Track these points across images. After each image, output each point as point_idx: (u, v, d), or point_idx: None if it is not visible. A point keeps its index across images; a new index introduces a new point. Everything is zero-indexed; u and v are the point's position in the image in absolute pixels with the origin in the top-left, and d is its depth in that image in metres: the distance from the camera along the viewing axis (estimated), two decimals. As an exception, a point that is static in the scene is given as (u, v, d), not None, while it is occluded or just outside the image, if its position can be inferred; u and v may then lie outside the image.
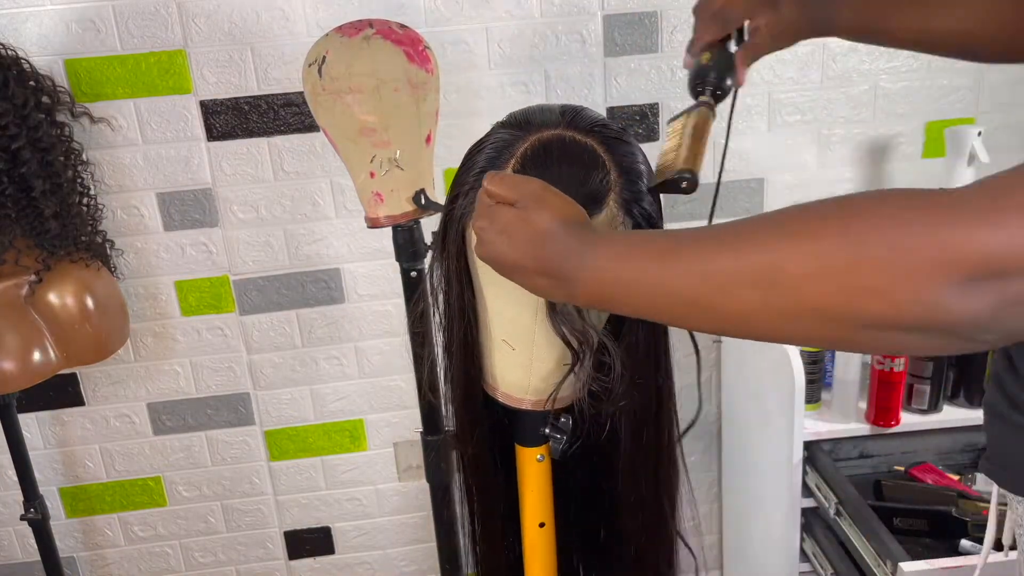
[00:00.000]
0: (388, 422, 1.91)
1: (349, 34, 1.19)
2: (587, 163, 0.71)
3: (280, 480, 1.93)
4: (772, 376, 1.57)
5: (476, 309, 0.78)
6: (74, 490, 1.90)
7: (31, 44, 1.57)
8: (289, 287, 1.79)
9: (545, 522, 0.84)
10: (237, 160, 1.69)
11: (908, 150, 1.82)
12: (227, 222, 1.73)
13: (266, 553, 1.99)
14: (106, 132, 1.64)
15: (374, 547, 2.01)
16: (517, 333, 0.75)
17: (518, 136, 0.73)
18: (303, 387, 1.86)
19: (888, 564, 1.28)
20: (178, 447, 1.88)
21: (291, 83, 1.65)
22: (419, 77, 1.20)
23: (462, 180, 0.76)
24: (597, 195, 0.70)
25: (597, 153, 0.72)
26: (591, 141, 0.73)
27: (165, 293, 1.77)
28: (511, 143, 0.73)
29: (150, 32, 1.60)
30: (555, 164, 0.71)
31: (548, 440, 0.82)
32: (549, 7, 1.66)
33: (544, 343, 0.75)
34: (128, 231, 1.72)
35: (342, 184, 1.72)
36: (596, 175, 0.71)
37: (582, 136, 0.73)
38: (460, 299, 0.77)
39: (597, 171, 0.71)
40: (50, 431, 1.84)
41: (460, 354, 0.80)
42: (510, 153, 0.72)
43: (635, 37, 1.69)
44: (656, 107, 1.74)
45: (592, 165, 0.71)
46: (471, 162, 0.75)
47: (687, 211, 1.80)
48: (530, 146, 0.72)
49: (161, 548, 1.97)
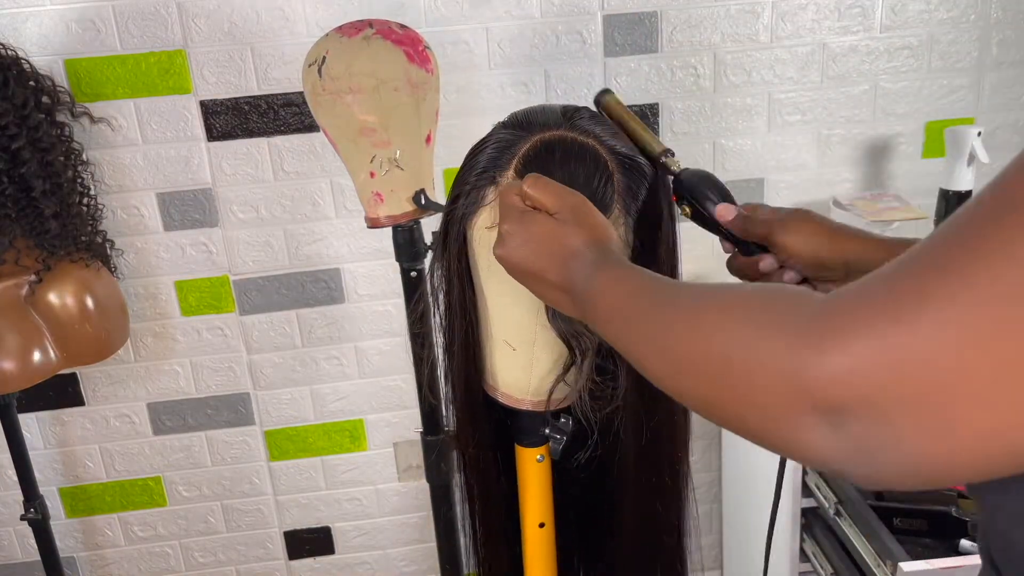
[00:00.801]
0: (388, 422, 1.91)
1: (349, 34, 1.19)
2: (589, 163, 0.71)
3: (280, 480, 1.93)
4: (772, 376, 1.57)
5: (477, 309, 0.78)
6: (74, 490, 1.90)
7: (31, 44, 1.57)
8: (289, 287, 1.79)
9: (545, 522, 0.84)
10: (237, 160, 1.69)
11: (908, 150, 1.82)
12: (227, 222, 1.73)
13: (266, 553, 1.99)
14: (106, 132, 1.64)
15: (374, 547, 2.01)
16: (518, 333, 0.75)
17: (520, 136, 0.73)
18: (303, 387, 1.86)
19: (888, 564, 1.28)
20: (178, 447, 1.88)
21: (291, 83, 1.65)
22: (419, 77, 1.20)
23: (464, 180, 0.75)
24: (603, 197, 0.70)
25: (599, 153, 0.72)
26: (592, 141, 0.73)
27: (165, 293, 1.77)
28: (512, 143, 0.73)
29: (150, 32, 1.60)
30: (558, 165, 0.71)
31: (548, 440, 0.82)
32: (549, 7, 1.66)
33: (544, 344, 0.75)
34: (128, 231, 1.72)
35: (342, 184, 1.72)
36: (598, 176, 0.71)
37: (583, 136, 0.73)
38: (461, 299, 0.77)
39: (599, 172, 0.71)
40: (50, 431, 1.84)
41: (461, 354, 0.80)
42: (512, 153, 0.72)
43: (635, 37, 1.69)
44: (656, 107, 1.74)
45: (595, 165, 0.71)
46: (473, 162, 0.75)
47: (687, 211, 1.80)
48: (532, 146, 0.72)
49: (161, 548, 1.97)
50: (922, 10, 1.72)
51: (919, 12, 1.72)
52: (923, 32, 1.74)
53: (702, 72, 1.73)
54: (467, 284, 0.77)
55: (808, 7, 1.70)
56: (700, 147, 1.78)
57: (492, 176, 0.73)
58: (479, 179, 0.73)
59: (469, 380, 0.81)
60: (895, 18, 1.73)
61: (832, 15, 1.71)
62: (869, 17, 1.72)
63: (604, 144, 0.73)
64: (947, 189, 1.69)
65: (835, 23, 1.72)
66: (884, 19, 1.72)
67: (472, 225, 0.74)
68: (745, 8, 1.69)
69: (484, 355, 0.79)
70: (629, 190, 0.72)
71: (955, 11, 1.73)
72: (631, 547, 0.87)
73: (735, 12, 1.69)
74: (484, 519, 0.90)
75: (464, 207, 0.74)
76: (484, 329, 0.78)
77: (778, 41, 1.72)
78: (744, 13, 1.70)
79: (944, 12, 1.73)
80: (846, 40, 1.73)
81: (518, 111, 0.77)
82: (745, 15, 1.70)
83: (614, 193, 0.71)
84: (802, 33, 1.72)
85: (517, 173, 0.71)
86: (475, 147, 0.77)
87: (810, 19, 1.71)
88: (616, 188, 0.71)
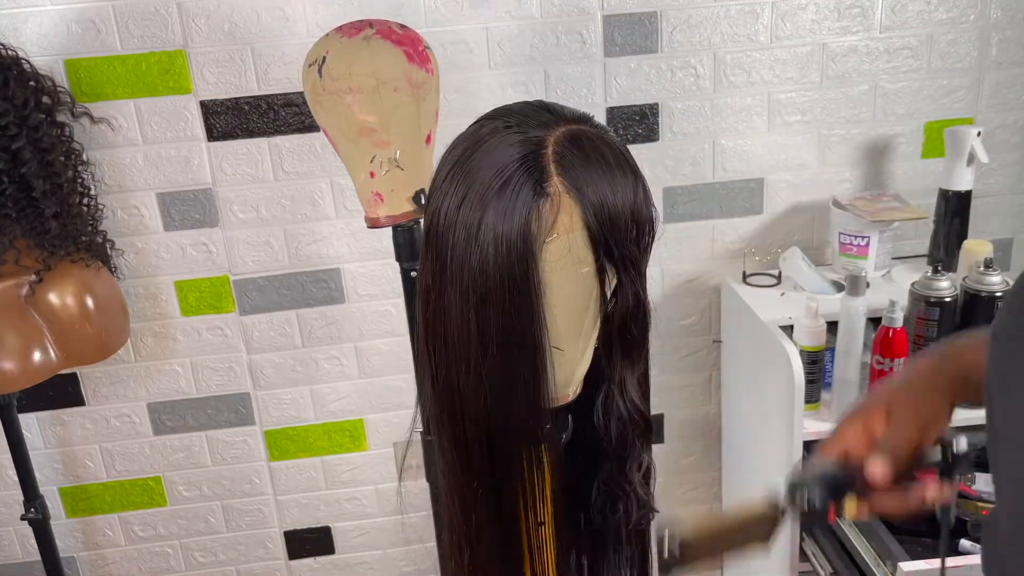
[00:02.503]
0: (388, 422, 1.91)
1: (349, 34, 1.19)
2: (613, 147, 0.73)
3: (280, 480, 1.93)
4: (772, 376, 1.57)
5: (536, 324, 0.73)
6: (74, 490, 1.90)
7: (31, 44, 1.57)
8: (289, 287, 1.79)
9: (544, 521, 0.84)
10: (237, 160, 1.70)
11: (908, 150, 1.82)
12: (227, 222, 1.73)
13: (266, 553, 1.99)
14: (106, 132, 1.64)
15: (374, 547, 2.01)
16: (567, 334, 0.75)
17: (531, 136, 0.70)
18: (303, 387, 1.86)
19: (888, 564, 1.28)
20: (178, 447, 1.88)
21: (291, 83, 1.65)
22: (419, 77, 1.20)
23: (485, 197, 0.70)
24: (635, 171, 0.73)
25: (621, 151, 0.74)
26: (609, 136, 0.74)
27: (165, 293, 1.77)
28: (529, 144, 0.70)
29: (150, 32, 1.60)
30: (588, 155, 0.71)
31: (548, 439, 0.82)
32: (549, 7, 1.66)
33: (587, 335, 0.75)
34: (128, 231, 1.72)
35: (342, 184, 1.72)
36: (624, 157, 0.73)
37: (593, 127, 0.74)
38: (520, 318, 0.72)
39: (625, 156, 0.73)
40: (50, 431, 1.84)
41: (526, 386, 0.75)
42: (537, 158, 0.69)
43: (635, 37, 1.70)
44: (656, 107, 1.74)
45: (623, 163, 0.73)
46: (491, 179, 0.70)
47: (687, 211, 1.80)
48: (556, 143, 0.70)
49: (161, 548, 1.97)
50: (922, 10, 1.72)
51: (919, 12, 1.73)
52: (923, 32, 1.74)
53: (702, 72, 1.73)
54: (524, 307, 0.71)
55: (808, 7, 1.70)
56: (700, 147, 1.78)
57: (542, 188, 0.69)
58: (520, 195, 0.68)
59: (538, 412, 0.76)
60: (895, 18, 1.73)
61: (832, 15, 1.71)
62: (869, 17, 1.72)
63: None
64: (947, 189, 1.69)
65: (835, 23, 1.72)
66: (884, 19, 1.73)
67: (541, 245, 0.69)
68: (745, 8, 1.69)
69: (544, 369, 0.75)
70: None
71: (955, 11, 1.73)
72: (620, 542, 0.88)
73: (735, 12, 1.69)
74: (481, 520, 0.88)
75: (518, 228, 0.69)
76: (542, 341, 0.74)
77: (778, 41, 1.72)
78: (744, 13, 1.70)
79: (944, 12, 1.73)
80: (846, 40, 1.73)
81: (490, 112, 0.76)
82: (745, 15, 1.70)
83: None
84: (802, 33, 1.72)
85: (558, 178, 0.69)
86: (469, 148, 0.73)
87: (810, 19, 1.71)
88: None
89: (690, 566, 0.72)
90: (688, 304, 1.88)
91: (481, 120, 0.76)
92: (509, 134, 0.71)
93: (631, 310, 0.74)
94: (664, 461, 2.00)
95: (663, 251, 1.83)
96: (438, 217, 0.72)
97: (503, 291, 0.70)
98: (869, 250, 1.71)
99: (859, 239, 1.71)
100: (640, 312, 0.75)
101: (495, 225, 0.68)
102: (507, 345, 0.72)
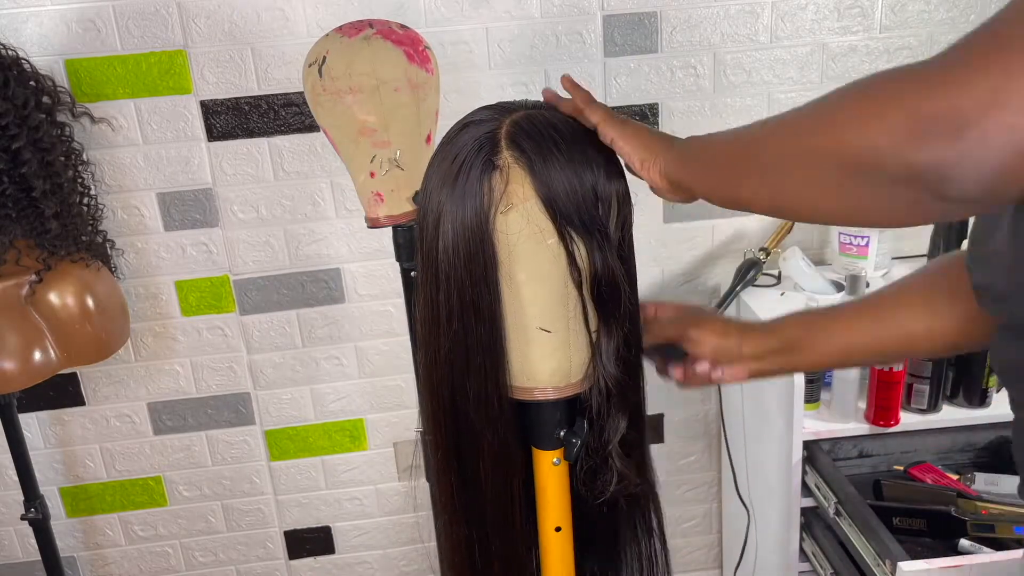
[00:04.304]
0: (388, 422, 1.91)
1: (349, 34, 1.19)
2: (570, 122, 0.76)
3: (280, 480, 1.93)
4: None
5: (499, 305, 0.74)
6: (74, 490, 1.90)
7: (31, 44, 1.57)
8: (289, 287, 1.79)
9: (562, 526, 0.84)
10: (237, 160, 1.70)
11: (908, 150, 1.81)
12: (227, 222, 1.73)
13: (266, 553, 1.99)
14: (106, 132, 1.64)
15: (374, 547, 2.01)
16: (552, 312, 0.74)
17: (488, 121, 0.73)
18: (303, 387, 1.86)
19: (887, 564, 1.28)
20: (178, 447, 1.89)
21: (291, 83, 1.65)
22: (419, 77, 1.20)
23: (451, 184, 0.73)
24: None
25: (581, 129, 0.76)
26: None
27: (165, 293, 1.77)
28: (486, 130, 0.72)
29: (150, 32, 1.60)
30: (543, 135, 0.73)
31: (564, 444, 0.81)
32: (549, 7, 1.66)
33: (577, 312, 0.74)
34: (128, 231, 1.72)
35: (342, 184, 1.72)
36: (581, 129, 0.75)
37: (554, 114, 0.75)
38: (475, 297, 0.74)
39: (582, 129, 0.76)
40: (50, 431, 1.84)
41: (482, 359, 0.76)
42: (492, 139, 0.72)
43: (635, 37, 1.70)
44: (656, 107, 1.74)
45: (580, 138, 0.75)
46: (449, 168, 0.73)
47: (687, 211, 1.80)
48: (511, 126, 0.72)
49: (161, 548, 1.97)
50: (922, 10, 1.73)
51: (919, 12, 1.73)
52: (923, 32, 1.74)
53: (702, 72, 1.73)
54: (479, 281, 0.73)
55: (808, 7, 1.70)
56: (700, 147, 1.78)
57: (491, 162, 0.71)
58: (470, 174, 0.71)
59: (496, 386, 0.77)
60: (895, 18, 1.73)
61: (832, 15, 1.71)
62: (869, 17, 1.72)
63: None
64: (947, 189, 1.69)
65: (835, 23, 1.72)
66: (884, 19, 1.73)
67: (491, 218, 0.71)
68: (745, 8, 1.69)
69: (511, 356, 0.76)
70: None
71: (955, 11, 1.73)
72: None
73: (735, 12, 1.69)
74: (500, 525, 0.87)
75: (472, 207, 0.71)
76: (513, 323, 0.75)
77: (778, 41, 1.72)
78: (744, 13, 1.70)
79: (944, 12, 1.73)
80: (846, 40, 1.73)
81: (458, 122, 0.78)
82: (745, 15, 1.70)
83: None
84: (802, 33, 1.72)
85: (508, 152, 0.71)
86: (441, 155, 0.75)
87: (810, 19, 1.71)
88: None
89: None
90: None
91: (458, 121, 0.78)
92: (472, 127, 0.74)
93: (598, 273, 0.73)
94: (664, 461, 2.00)
95: (663, 251, 1.83)
96: (420, 214, 0.77)
97: (460, 266, 0.73)
98: (869, 250, 1.71)
99: (859, 239, 1.71)
100: (608, 275, 0.74)
101: (452, 206, 0.72)
102: (465, 318, 0.74)
